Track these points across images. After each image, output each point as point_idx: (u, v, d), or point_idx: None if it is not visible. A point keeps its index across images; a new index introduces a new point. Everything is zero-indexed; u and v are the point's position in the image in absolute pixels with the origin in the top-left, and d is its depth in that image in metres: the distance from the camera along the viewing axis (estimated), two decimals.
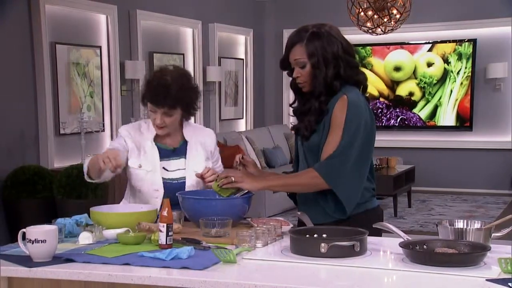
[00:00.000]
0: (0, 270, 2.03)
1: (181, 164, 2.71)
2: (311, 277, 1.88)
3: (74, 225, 2.36)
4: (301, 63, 2.38)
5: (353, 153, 2.32)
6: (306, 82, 2.41)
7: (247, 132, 8.09)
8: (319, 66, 2.35)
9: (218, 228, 2.27)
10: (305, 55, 2.37)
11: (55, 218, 2.42)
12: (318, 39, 2.36)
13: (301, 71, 2.40)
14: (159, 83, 2.61)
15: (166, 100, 2.59)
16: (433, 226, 6.31)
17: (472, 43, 8.27)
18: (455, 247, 2.01)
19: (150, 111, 2.65)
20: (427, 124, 8.61)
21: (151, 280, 1.89)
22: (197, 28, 7.68)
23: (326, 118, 2.38)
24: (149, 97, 2.63)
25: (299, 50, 2.38)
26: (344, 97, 2.35)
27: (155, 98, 2.60)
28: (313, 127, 2.39)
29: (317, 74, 2.36)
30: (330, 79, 2.36)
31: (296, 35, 2.41)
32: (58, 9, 5.77)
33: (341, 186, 2.32)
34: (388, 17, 6.76)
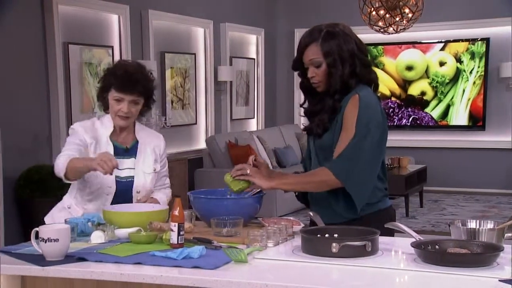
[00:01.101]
0: (14, 269, 2.05)
1: (130, 164, 2.75)
2: (322, 277, 1.88)
3: (87, 224, 2.37)
4: (317, 62, 2.38)
5: (365, 151, 2.32)
6: (321, 81, 2.40)
7: (258, 132, 8.09)
8: (336, 65, 2.35)
9: (229, 227, 2.28)
10: (320, 54, 2.37)
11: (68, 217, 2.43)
12: (333, 38, 2.37)
13: (316, 70, 2.39)
14: (127, 71, 2.67)
15: (135, 87, 2.66)
16: (445, 226, 6.29)
17: (485, 42, 8.22)
18: (467, 247, 2.00)
19: (114, 100, 2.68)
20: (439, 124, 8.56)
21: (163, 279, 1.90)
22: (208, 27, 7.69)
23: (338, 117, 2.38)
24: (116, 85, 2.65)
25: (314, 49, 2.38)
26: (356, 95, 2.35)
27: (124, 85, 2.64)
28: (326, 125, 2.39)
29: (333, 72, 2.36)
30: (346, 77, 2.36)
31: (309, 35, 2.41)
32: (70, 9, 5.80)
33: (353, 184, 2.32)
34: (400, 16, 6.73)
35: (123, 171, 2.72)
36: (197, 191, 2.64)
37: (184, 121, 7.40)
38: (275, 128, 8.56)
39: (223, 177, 2.49)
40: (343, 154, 2.32)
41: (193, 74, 7.53)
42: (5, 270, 2.06)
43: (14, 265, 2.04)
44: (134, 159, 2.75)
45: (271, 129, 8.45)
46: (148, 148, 2.80)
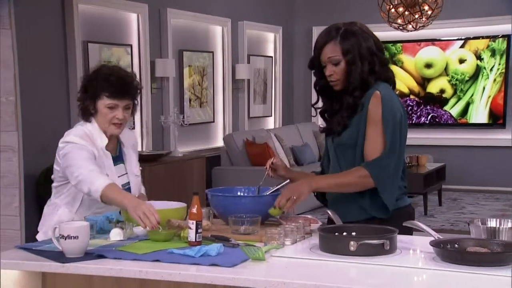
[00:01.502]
0: (34, 265, 2.07)
1: (122, 170, 2.65)
2: (340, 275, 1.87)
3: (106, 221, 2.38)
4: (335, 60, 2.38)
5: (396, 152, 2.33)
6: (339, 80, 2.40)
7: (275, 130, 8.08)
8: (355, 62, 2.35)
9: (247, 225, 2.28)
10: (339, 52, 2.36)
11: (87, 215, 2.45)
12: (352, 36, 2.37)
13: (334, 68, 2.38)
14: (118, 76, 2.55)
15: (129, 92, 2.56)
16: (464, 225, 6.23)
17: (506, 39, 8.13)
18: (487, 246, 1.98)
19: (106, 108, 2.53)
20: (459, 122, 8.49)
21: (181, 276, 1.91)
22: (226, 26, 7.70)
23: (360, 115, 2.36)
24: (109, 91, 2.52)
25: (332, 47, 2.37)
26: (377, 93, 2.35)
27: (118, 91, 2.52)
28: (346, 123, 2.38)
29: (353, 70, 2.35)
30: (365, 74, 2.36)
31: (327, 34, 2.41)
32: (90, 8, 5.84)
33: (385, 186, 2.33)
34: (419, 14, 6.68)
35: (121, 178, 2.62)
36: (215, 189, 2.65)
37: (202, 119, 7.42)
38: (292, 126, 8.55)
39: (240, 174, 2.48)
40: (381, 156, 2.31)
41: (211, 72, 7.55)
42: (26, 267, 2.08)
43: (34, 261, 2.06)
44: (123, 165, 2.66)
45: (288, 127, 8.44)
46: (130, 149, 2.70)
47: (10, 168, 4.47)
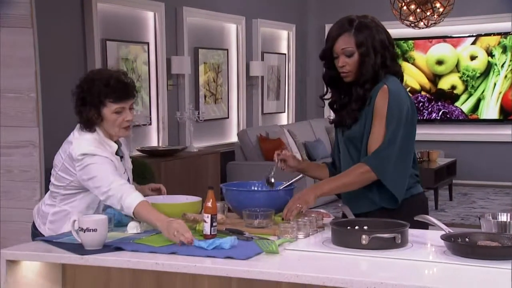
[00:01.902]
0: (55, 257, 2.08)
1: (122, 168, 2.55)
2: (352, 268, 1.87)
3: (123, 215, 2.39)
4: (349, 51, 2.36)
5: (398, 143, 2.31)
6: (350, 71, 2.38)
7: (289, 126, 8.07)
8: (369, 54, 2.34)
9: (261, 219, 2.28)
10: (353, 44, 2.35)
11: (105, 208, 2.46)
12: (366, 29, 2.35)
13: (347, 60, 2.36)
14: (117, 78, 2.44)
15: (131, 92, 2.46)
16: (475, 219, 6.19)
17: None
18: (498, 240, 1.97)
19: (114, 114, 2.42)
20: (469, 118, 8.42)
21: (196, 269, 1.91)
22: (241, 24, 7.69)
23: (367, 108, 2.36)
24: (113, 96, 2.41)
25: (346, 39, 2.36)
26: (384, 87, 2.34)
27: (123, 94, 2.42)
28: (356, 116, 2.37)
29: (366, 62, 2.34)
30: (377, 67, 2.35)
31: (341, 26, 2.38)
32: (108, 7, 5.86)
33: (389, 177, 2.31)
34: (431, 11, 6.63)
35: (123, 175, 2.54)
36: (229, 183, 2.65)
37: (216, 115, 7.43)
38: (305, 122, 8.54)
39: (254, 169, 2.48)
40: (379, 149, 2.31)
41: (226, 69, 7.55)
42: (46, 258, 2.10)
43: (55, 253, 2.08)
44: (122, 164, 2.57)
45: (301, 123, 8.43)
46: (124, 147, 2.64)
47: (31, 162, 4.51)
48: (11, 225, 4.50)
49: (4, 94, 4.48)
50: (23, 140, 4.49)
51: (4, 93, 4.48)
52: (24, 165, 4.50)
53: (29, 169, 4.50)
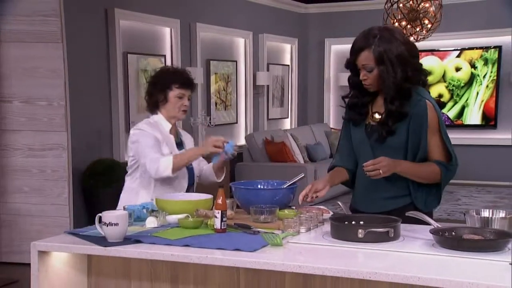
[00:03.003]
0: (81, 248, 2.08)
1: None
2: (349, 260, 1.85)
3: (142, 210, 2.39)
4: (369, 68, 2.25)
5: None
6: (372, 84, 2.28)
7: (291, 130, 8.06)
8: (388, 71, 2.21)
9: (266, 215, 2.27)
10: (373, 61, 2.23)
11: (126, 205, 2.46)
12: (385, 44, 2.20)
13: (368, 74, 2.26)
14: (184, 71, 2.75)
15: (192, 84, 2.74)
16: (460, 215, 6.15)
17: (498, 49, 8.01)
18: (481, 234, 1.95)
19: (176, 97, 2.70)
20: (455, 123, 8.39)
21: (208, 260, 1.90)
22: (248, 38, 7.69)
23: (413, 122, 2.25)
24: (179, 82, 2.68)
25: (367, 55, 2.23)
26: (428, 102, 2.27)
27: (186, 82, 2.70)
28: (392, 129, 2.27)
29: (386, 78, 2.22)
30: (399, 82, 2.23)
31: (363, 40, 2.24)
32: (130, 24, 5.88)
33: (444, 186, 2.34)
34: (420, 27, 6.61)
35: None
36: (238, 182, 2.64)
37: (226, 121, 7.42)
38: (306, 126, 8.52)
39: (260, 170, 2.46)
40: (454, 163, 2.31)
41: (235, 79, 7.55)
42: (74, 249, 2.10)
43: (81, 245, 2.08)
44: (185, 149, 2.81)
45: (303, 128, 8.41)
46: (188, 139, 2.89)
47: (60, 163, 4.52)
48: (44, 219, 4.52)
49: (37, 102, 4.50)
50: (54, 143, 4.51)
51: (38, 102, 4.50)
52: (54, 166, 4.52)
53: (58, 169, 4.52)
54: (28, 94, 4.52)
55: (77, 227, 2.45)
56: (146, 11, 6.02)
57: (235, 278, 1.97)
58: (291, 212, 2.31)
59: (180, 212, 2.30)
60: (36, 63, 4.48)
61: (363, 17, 8.42)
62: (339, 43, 8.71)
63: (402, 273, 1.69)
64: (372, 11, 8.09)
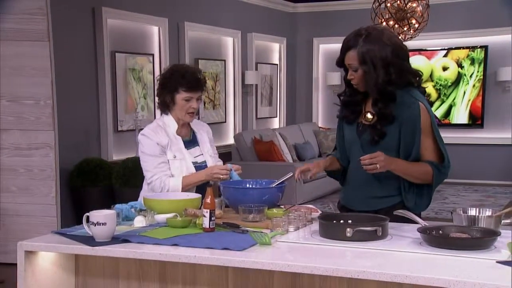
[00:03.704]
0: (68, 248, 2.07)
1: (198, 151, 2.80)
2: (337, 258, 1.86)
3: (130, 210, 2.38)
4: (354, 67, 2.27)
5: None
6: (358, 84, 2.30)
7: (280, 129, 8.06)
8: (370, 73, 2.23)
9: (255, 214, 2.27)
10: (357, 61, 2.25)
11: (114, 204, 2.45)
12: (370, 45, 2.21)
13: (354, 74, 2.28)
14: (192, 73, 2.71)
15: (200, 85, 2.71)
16: (447, 213, 6.20)
17: (484, 49, 8.08)
18: (468, 232, 1.97)
19: (183, 100, 2.68)
20: (442, 122, 8.44)
21: (196, 259, 1.90)
22: (237, 37, 7.68)
23: (406, 124, 2.25)
24: (185, 85, 2.67)
25: (352, 55, 2.25)
26: (421, 105, 2.27)
27: (193, 85, 2.68)
28: (383, 131, 2.27)
29: (368, 79, 2.24)
30: (381, 85, 2.23)
31: (351, 39, 2.26)
32: (117, 23, 5.84)
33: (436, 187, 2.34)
34: (407, 26, 6.64)
35: (198, 157, 2.78)
36: (227, 181, 2.63)
37: (215, 120, 7.41)
38: (295, 126, 8.53)
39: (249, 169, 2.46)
40: (446, 164, 2.31)
41: (223, 78, 7.54)
42: (61, 249, 2.08)
43: (68, 245, 2.06)
44: (199, 147, 2.80)
45: (291, 127, 8.42)
46: (203, 134, 2.85)
47: (47, 163, 4.49)
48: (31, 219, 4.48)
49: (24, 101, 4.46)
50: (41, 142, 4.47)
51: (25, 100, 4.46)
52: (41, 165, 4.48)
53: (46, 168, 4.48)
54: (15, 93, 4.48)
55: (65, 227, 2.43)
56: (134, 9, 5.99)
57: (224, 277, 1.97)
58: (279, 211, 2.31)
59: (169, 212, 2.29)
60: (23, 62, 4.44)
61: (351, 17, 8.45)
62: (327, 43, 8.73)
63: (390, 271, 1.69)
64: (360, 10, 8.12)
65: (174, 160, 2.70)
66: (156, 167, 2.67)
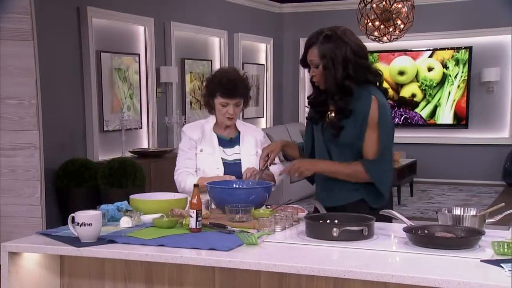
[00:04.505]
0: (53, 249, 2.05)
1: (237, 150, 2.82)
2: (324, 258, 1.86)
3: (116, 210, 2.37)
4: (315, 63, 2.34)
5: (390, 152, 2.34)
6: (320, 81, 2.36)
7: (267, 129, 8.07)
8: (329, 67, 2.30)
9: (242, 214, 2.27)
10: (317, 57, 2.32)
11: (100, 205, 2.43)
12: (329, 42, 2.31)
13: (315, 70, 2.35)
14: (229, 79, 2.72)
15: (237, 92, 2.72)
16: (433, 213, 6.25)
17: (468, 50, 8.15)
18: (453, 232, 1.99)
19: (220, 105, 2.73)
20: (428, 122, 8.51)
21: (183, 259, 1.90)
22: (223, 37, 7.67)
23: (357, 118, 2.30)
24: (221, 91, 2.71)
25: (313, 51, 2.34)
26: (374, 98, 2.30)
27: (229, 92, 2.71)
28: (339, 125, 2.33)
29: (327, 74, 2.31)
30: (339, 80, 2.30)
31: (312, 37, 2.36)
32: (103, 22, 5.81)
33: (382, 182, 2.33)
34: (393, 27, 6.68)
35: (231, 156, 2.80)
36: (213, 181, 2.63)
37: None
38: (282, 126, 8.54)
39: None
40: (378, 158, 2.31)
41: None
42: (46, 250, 2.07)
43: (53, 246, 2.05)
44: (239, 146, 2.82)
45: (278, 127, 8.43)
46: (249, 136, 2.87)
47: (32, 163, 4.45)
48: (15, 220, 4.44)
49: (7, 101, 4.41)
50: (25, 143, 4.43)
51: (8, 100, 4.41)
52: (26, 165, 4.44)
53: (30, 168, 4.44)
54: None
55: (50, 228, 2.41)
56: (120, 9, 5.96)
57: (210, 278, 1.97)
58: (266, 211, 2.31)
59: (155, 212, 2.29)
60: (6, 61, 4.39)
61: (338, 17, 8.47)
62: None
63: (376, 271, 1.70)
64: (346, 11, 8.16)
65: (201, 154, 2.76)
66: (182, 162, 2.78)
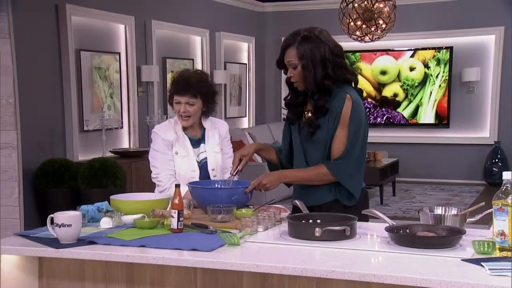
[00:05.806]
0: (32, 251, 2.03)
1: (202, 149, 2.82)
2: (306, 258, 1.87)
3: (96, 211, 2.35)
4: (293, 64, 2.35)
5: (357, 150, 2.34)
6: (298, 81, 2.38)
7: (249, 129, 8.07)
8: (308, 68, 2.32)
9: (224, 214, 2.27)
10: (296, 57, 2.34)
11: (80, 205, 2.41)
12: (307, 43, 2.32)
13: (293, 71, 2.37)
14: (181, 77, 2.77)
15: (188, 89, 2.72)
16: (415, 212, 6.30)
17: (449, 50, 8.25)
18: (434, 231, 2.01)
19: (175, 103, 2.76)
20: (410, 122, 8.58)
21: (164, 260, 1.89)
22: (205, 36, 7.66)
23: (331, 116, 2.34)
24: (174, 89, 2.75)
25: (291, 52, 2.35)
26: (348, 96, 2.33)
27: (179, 89, 2.74)
28: (315, 124, 2.36)
29: (307, 75, 2.33)
30: (319, 79, 2.32)
31: (289, 38, 2.38)
32: (82, 20, 5.75)
33: (349, 180, 2.35)
34: (375, 27, 6.73)
35: (200, 155, 2.79)
36: (195, 181, 2.62)
37: None
38: (264, 125, 8.55)
39: None
40: (341, 157, 2.32)
41: None
42: (24, 252, 2.04)
43: (32, 247, 2.03)
44: (204, 144, 2.82)
45: (260, 126, 8.44)
46: (214, 132, 2.85)
47: (10, 163, 4.39)
48: None
49: None
50: (3, 143, 4.37)
51: None
52: (4, 166, 4.38)
53: (8, 169, 4.39)
54: None
55: (28, 229, 2.38)
56: (99, 7, 5.91)
57: (192, 278, 1.96)
58: (248, 212, 2.31)
59: (136, 212, 2.28)
60: None
61: (320, 16, 8.52)
62: None
63: (358, 270, 1.71)
64: (328, 10, 8.20)
65: (176, 157, 2.75)
66: (163, 164, 2.74)
